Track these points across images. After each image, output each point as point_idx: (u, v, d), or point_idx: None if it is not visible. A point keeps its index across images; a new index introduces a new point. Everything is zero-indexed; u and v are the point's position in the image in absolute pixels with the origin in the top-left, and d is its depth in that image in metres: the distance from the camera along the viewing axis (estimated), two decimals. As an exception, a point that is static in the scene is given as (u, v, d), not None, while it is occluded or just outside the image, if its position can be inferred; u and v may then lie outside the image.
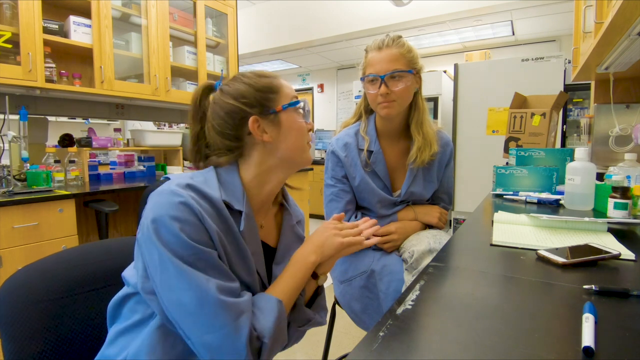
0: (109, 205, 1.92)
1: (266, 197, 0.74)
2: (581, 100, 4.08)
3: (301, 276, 0.69)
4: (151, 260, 0.58)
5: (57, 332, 0.68)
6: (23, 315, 0.65)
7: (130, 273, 0.67)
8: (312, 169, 5.27)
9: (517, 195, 1.35)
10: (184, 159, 2.91)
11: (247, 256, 0.66)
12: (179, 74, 2.76)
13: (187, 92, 2.73)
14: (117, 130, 2.67)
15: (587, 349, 0.39)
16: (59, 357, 0.68)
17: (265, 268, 0.73)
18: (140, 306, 0.64)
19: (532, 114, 1.70)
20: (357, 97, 4.39)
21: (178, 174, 0.73)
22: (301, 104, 0.74)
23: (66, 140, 2.32)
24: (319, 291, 0.80)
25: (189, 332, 0.57)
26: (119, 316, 0.67)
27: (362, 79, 1.16)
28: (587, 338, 0.40)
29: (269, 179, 0.72)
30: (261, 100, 0.70)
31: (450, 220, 3.56)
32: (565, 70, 3.08)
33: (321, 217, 1.27)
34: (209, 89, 0.74)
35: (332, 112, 6.58)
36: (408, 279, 1.06)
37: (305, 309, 0.75)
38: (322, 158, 5.44)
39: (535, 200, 1.27)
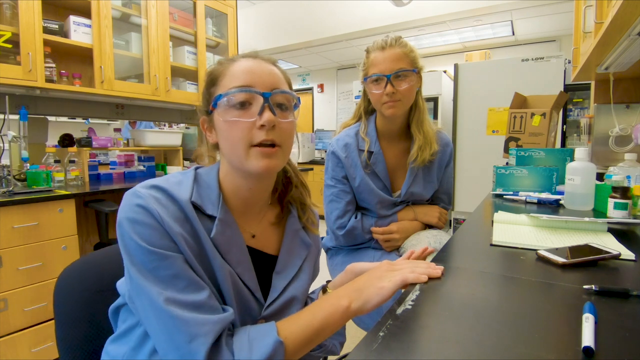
0: (109, 205, 1.92)
1: (246, 201, 0.64)
2: (581, 100, 4.08)
3: (323, 316, 0.55)
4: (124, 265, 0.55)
5: (96, 321, 0.72)
6: (71, 302, 0.70)
7: (122, 281, 0.63)
8: (312, 169, 5.27)
9: (517, 195, 1.35)
10: (184, 158, 2.91)
11: (215, 265, 0.57)
12: (179, 74, 2.76)
13: (187, 92, 2.73)
14: (117, 130, 2.67)
15: (587, 349, 0.39)
16: (100, 343, 0.70)
17: (265, 279, 0.65)
18: (130, 316, 0.61)
19: (532, 114, 1.70)
20: (357, 97, 4.39)
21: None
22: (224, 99, 0.58)
23: (66, 140, 2.32)
24: None
25: (157, 348, 0.52)
26: (115, 325, 0.65)
27: (365, 80, 1.16)
28: (587, 338, 0.40)
29: (240, 184, 0.63)
30: (206, 95, 0.62)
31: (450, 220, 3.56)
32: (565, 70, 3.08)
33: (321, 217, 1.27)
34: None
35: (332, 112, 6.58)
36: (408, 279, 1.06)
37: None
38: (322, 158, 5.44)
39: (535, 200, 1.27)
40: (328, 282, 0.76)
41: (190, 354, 0.48)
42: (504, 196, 1.39)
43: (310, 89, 6.78)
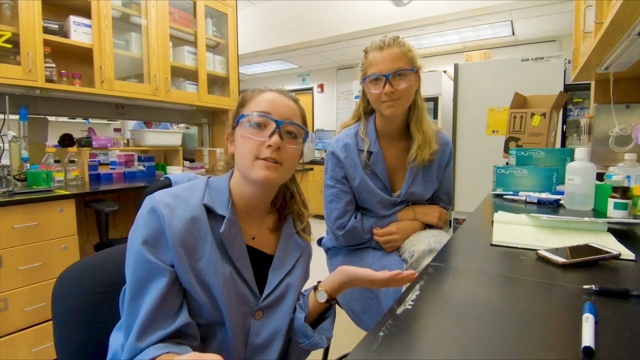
0: (109, 205, 1.92)
1: (249, 206, 0.73)
2: (581, 100, 4.08)
3: None
4: None
5: (95, 323, 0.73)
6: (70, 305, 0.71)
7: None
8: (312, 169, 5.27)
9: (517, 195, 1.35)
10: (184, 158, 2.91)
11: (211, 260, 0.64)
12: (179, 74, 2.76)
13: (187, 92, 2.73)
14: (117, 130, 2.67)
15: (587, 349, 0.39)
16: (98, 345, 0.72)
17: (263, 276, 0.73)
18: None
19: (532, 114, 1.70)
20: (357, 97, 4.39)
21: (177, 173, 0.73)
22: (245, 119, 0.70)
23: (66, 140, 2.32)
24: (326, 315, 0.79)
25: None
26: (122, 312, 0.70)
27: (364, 80, 1.16)
28: (587, 338, 0.40)
29: (245, 189, 0.72)
30: (235, 114, 0.75)
31: (450, 220, 3.56)
32: (565, 70, 3.08)
33: (321, 217, 1.27)
34: None
35: (332, 112, 6.58)
36: (408, 279, 1.06)
37: (305, 325, 0.73)
38: (322, 158, 5.45)
39: (535, 200, 1.27)
40: (319, 282, 0.80)
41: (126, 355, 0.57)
42: (504, 196, 1.39)
43: (310, 89, 6.78)
